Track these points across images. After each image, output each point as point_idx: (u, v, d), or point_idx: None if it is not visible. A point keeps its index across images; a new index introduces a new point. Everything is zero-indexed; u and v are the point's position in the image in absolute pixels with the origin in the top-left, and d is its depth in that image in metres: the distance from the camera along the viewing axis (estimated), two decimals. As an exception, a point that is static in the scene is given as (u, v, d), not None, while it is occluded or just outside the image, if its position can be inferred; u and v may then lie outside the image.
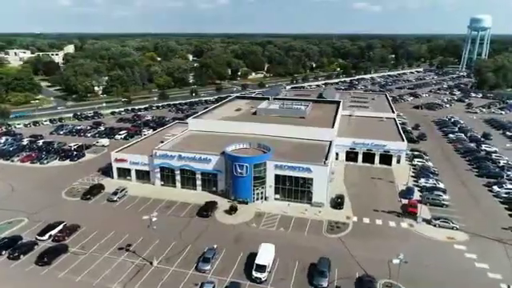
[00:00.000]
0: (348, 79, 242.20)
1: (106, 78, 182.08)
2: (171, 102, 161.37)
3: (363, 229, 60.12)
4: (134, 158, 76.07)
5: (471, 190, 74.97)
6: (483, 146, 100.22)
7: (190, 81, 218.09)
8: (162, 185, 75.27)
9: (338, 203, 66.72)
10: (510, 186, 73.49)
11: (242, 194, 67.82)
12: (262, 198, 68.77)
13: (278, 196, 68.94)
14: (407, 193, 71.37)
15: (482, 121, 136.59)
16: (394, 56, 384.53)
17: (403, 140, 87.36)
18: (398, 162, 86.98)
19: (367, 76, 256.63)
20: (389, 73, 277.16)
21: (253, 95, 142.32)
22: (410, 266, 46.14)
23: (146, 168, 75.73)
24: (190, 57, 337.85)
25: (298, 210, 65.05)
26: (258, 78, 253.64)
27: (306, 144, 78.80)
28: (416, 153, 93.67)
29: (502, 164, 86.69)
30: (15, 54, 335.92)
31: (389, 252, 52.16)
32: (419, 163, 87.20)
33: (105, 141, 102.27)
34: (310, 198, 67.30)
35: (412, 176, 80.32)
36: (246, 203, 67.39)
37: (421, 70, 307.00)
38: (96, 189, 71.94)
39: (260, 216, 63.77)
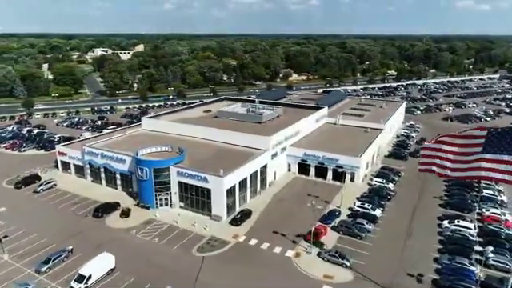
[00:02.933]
0: (395, 84, 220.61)
1: (139, 75, 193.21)
2: (187, 101, 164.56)
3: (239, 251, 53.83)
4: (71, 152, 79.00)
5: (415, 222, 62.15)
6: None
7: (225, 80, 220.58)
8: (92, 181, 76.97)
9: (237, 219, 60.91)
10: (463, 224, 59.11)
11: (145, 199, 65.83)
12: (167, 204, 65.97)
13: (182, 204, 65.45)
14: (328, 217, 62.08)
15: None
16: (473, 60, 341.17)
17: (360, 155, 76.04)
18: (352, 179, 76.19)
19: (420, 81, 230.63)
20: (450, 78, 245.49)
21: (252, 97, 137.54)
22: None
23: (80, 163, 78.09)
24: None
25: (188, 221, 60.84)
26: (299, 80, 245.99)
27: (235, 151, 73.56)
28: (385, 171, 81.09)
29: (483, 195, 70.42)
30: (98, 52, 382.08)
31: (239, 281, 46.08)
32: (377, 183, 75.25)
33: (87, 134, 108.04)
34: (210, 210, 62.55)
35: (358, 198, 69.88)
36: (148, 208, 65.23)
37: (496, 76, 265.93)
38: (31, 179, 76.37)
39: (148, 223, 61.16)
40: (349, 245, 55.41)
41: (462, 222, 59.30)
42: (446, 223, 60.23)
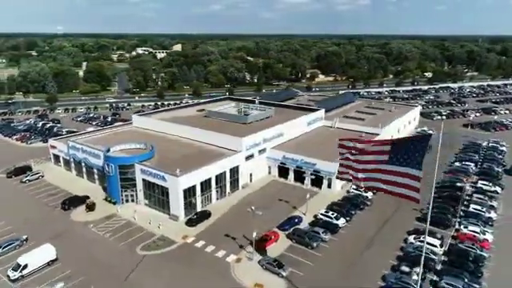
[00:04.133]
0: (426, 87, 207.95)
1: (162, 74, 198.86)
2: (202, 100, 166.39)
3: (182, 252, 53.38)
4: (61, 146, 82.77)
5: (380, 235, 57.95)
6: (479, 183, 75.31)
7: (248, 80, 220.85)
8: (76, 175, 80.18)
9: (193, 220, 60.48)
10: (429, 240, 54.02)
11: (112, 194, 67.39)
12: (133, 200, 67.09)
13: (147, 202, 66.18)
14: (286, 223, 59.78)
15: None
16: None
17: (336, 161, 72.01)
18: (329, 186, 72.74)
19: (455, 84, 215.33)
20: (490, 82, 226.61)
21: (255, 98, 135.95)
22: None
23: (67, 157, 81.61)
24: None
25: (146, 218, 61.26)
26: (325, 81, 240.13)
27: (211, 151, 73.30)
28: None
29: (468, 210, 64.21)
30: (138, 51, 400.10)
31: (167, 282, 45.74)
32: (355, 191, 71.22)
33: (91, 129, 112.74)
34: (169, 209, 62.65)
35: (328, 205, 66.41)
36: (114, 203, 66.70)
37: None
38: (22, 169, 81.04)
39: (108, 218, 62.46)
40: (297, 254, 52.94)
41: (427, 239, 54.28)
42: (411, 238, 55.64)
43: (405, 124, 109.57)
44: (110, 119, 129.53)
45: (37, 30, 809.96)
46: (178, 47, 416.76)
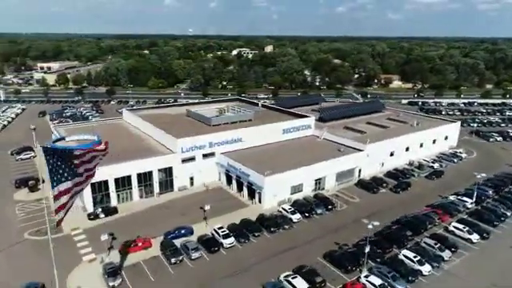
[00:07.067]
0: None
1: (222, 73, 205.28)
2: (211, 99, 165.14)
3: (57, 243, 53.78)
4: (56, 131, 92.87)
5: (264, 265, 49.80)
6: (452, 225, 58.07)
7: (310, 82, 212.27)
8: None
9: (94, 214, 61.62)
10: (295, 282, 44.15)
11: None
12: (70, 188, 71.38)
13: (78, 190, 69.64)
14: (172, 232, 56.20)
15: None
16: None
17: (266, 174, 63.83)
18: (260, 201, 65.47)
19: None
20: None
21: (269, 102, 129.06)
22: None
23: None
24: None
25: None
26: (399, 88, 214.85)
27: (152, 149, 73.74)
28: (313, 200, 66.44)
29: (399, 256, 50.28)
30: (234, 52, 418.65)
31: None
32: (284, 212, 62.49)
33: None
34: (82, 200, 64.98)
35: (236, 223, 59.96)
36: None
37: None
38: (24, 149, 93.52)
39: (38, 201, 67.49)
40: (153, 266, 49.39)
41: (296, 280, 44.54)
42: (282, 276, 46.43)
43: (422, 142, 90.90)
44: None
45: (176, 31, 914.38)
46: (269, 48, 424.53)
